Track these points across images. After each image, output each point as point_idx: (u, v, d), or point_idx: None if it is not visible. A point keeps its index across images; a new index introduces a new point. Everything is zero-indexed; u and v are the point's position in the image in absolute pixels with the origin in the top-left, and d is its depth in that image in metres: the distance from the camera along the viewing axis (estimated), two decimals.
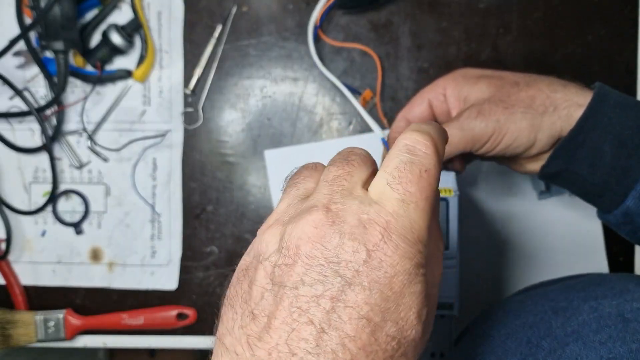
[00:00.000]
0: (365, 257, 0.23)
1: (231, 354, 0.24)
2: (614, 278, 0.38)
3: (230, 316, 0.25)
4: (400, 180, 0.24)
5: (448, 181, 0.42)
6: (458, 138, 0.40)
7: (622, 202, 0.39)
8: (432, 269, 0.26)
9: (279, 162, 0.55)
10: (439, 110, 0.45)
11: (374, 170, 0.27)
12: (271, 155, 0.55)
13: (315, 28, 0.52)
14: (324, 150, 0.54)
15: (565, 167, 0.40)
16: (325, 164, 0.29)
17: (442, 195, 0.39)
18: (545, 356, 0.33)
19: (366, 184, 0.26)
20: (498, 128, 0.39)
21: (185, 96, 0.55)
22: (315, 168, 0.29)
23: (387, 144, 0.46)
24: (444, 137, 0.27)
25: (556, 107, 0.39)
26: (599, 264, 0.55)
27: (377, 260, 0.23)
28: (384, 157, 0.32)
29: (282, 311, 0.23)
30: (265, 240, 0.26)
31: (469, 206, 0.55)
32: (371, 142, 0.53)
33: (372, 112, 0.54)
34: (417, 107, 0.45)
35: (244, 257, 0.27)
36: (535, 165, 0.42)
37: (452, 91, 0.43)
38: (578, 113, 0.39)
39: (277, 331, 0.23)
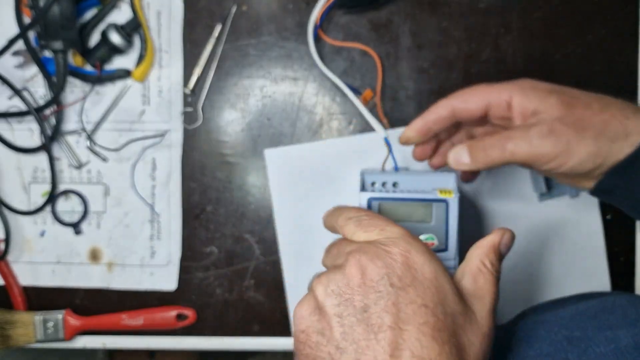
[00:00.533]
0: (398, 265, 0.31)
1: None
2: (625, 303, 0.38)
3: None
4: (369, 229, 0.35)
5: (449, 182, 0.42)
6: (524, 152, 0.39)
7: None
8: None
9: (279, 161, 0.55)
10: (497, 114, 0.43)
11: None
12: (271, 155, 0.55)
13: (316, 28, 0.52)
14: (324, 150, 0.54)
15: (621, 185, 0.39)
16: (327, 163, 0.38)
17: (442, 196, 0.39)
18: None
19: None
20: (567, 150, 0.39)
21: (185, 96, 0.55)
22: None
23: (390, 143, 0.46)
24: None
25: (627, 135, 0.38)
26: (599, 265, 0.55)
27: (405, 262, 0.31)
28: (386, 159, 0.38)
29: (365, 330, 0.30)
30: (319, 294, 0.32)
31: (469, 207, 0.54)
32: (372, 141, 0.53)
33: (372, 112, 0.54)
34: (475, 103, 0.43)
35: (300, 320, 0.33)
36: (587, 183, 0.41)
37: (520, 101, 0.41)
38: None
39: (370, 347, 0.30)
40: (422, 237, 0.39)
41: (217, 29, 0.54)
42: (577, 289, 0.55)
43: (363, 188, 0.42)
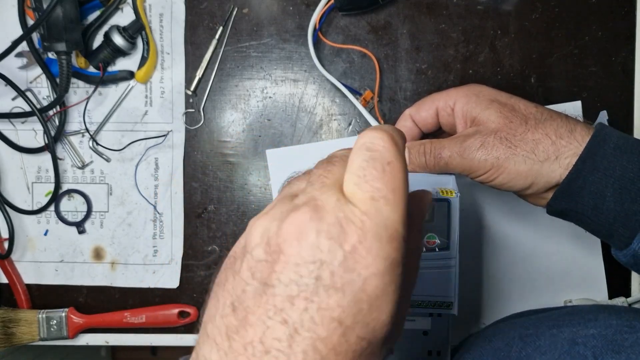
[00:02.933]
0: (341, 259, 0.23)
1: (211, 342, 0.24)
2: (593, 309, 0.39)
3: (214, 303, 0.25)
4: (365, 179, 0.24)
5: (449, 182, 0.43)
6: (457, 163, 0.41)
7: (629, 245, 0.39)
8: (409, 267, 0.26)
9: (281, 162, 0.55)
10: (444, 120, 0.45)
11: None
12: (273, 155, 0.56)
13: (315, 31, 0.53)
14: (324, 150, 0.55)
15: (570, 208, 0.40)
16: None
17: (443, 196, 0.39)
18: None
19: None
20: (497, 165, 0.40)
21: (187, 97, 0.56)
22: (309, 171, 0.29)
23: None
24: (402, 135, 0.27)
25: (558, 156, 0.39)
26: (597, 266, 0.55)
27: (352, 262, 0.23)
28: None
29: (258, 308, 0.23)
30: (253, 233, 0.25)
31: (469, 207, 0.55)
32: None
33: (371, 112, 0.54)
34: (425, 110, 0.45)
35: (236, 243, 0.27)
36: (539, 201, 0.42)
37: (462, 107, 0.43)
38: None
39: (253, 327, 0.23)
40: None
41: (219, 31, 0.55)
42: (574, 289, 0.55)
43: None
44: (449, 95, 0.44)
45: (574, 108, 0.54)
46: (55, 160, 0.55)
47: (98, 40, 0.55)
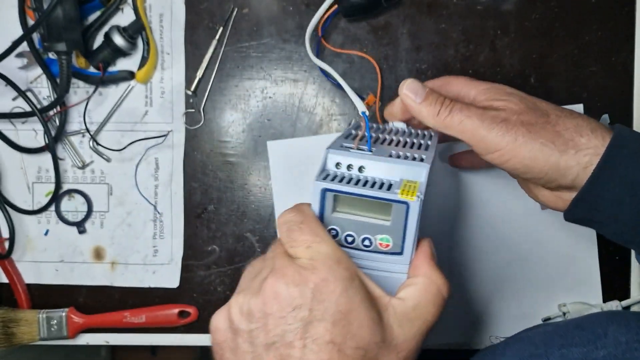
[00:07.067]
0: (311, 296, 0.30)
1: None
2: (602, 320, 0.37)
3: None
4: (295, 242, 0.33)
5: (420, 174, 0.36)
6: (471, 127, 0.38)
7: None
8: (363, 277, 0.33)
9: (281, 154, 0.55)
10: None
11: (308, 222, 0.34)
12: (273, 147, 0.55)
13: (318, 38, 0.52)
14: (324, 144, 0.54)
15: (588, 216, 0.39)
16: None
17: (403, 198, 0.34)
18: None
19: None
20: (512, 147, 0.37)
21: (187, 97, 0.56)
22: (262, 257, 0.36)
23: (367, 119, 0.42)
24: (304, 204, 0.35)
25: (577, 151, 0.37)
26: (592, 268, 0.55)
27: (319, 294, 0.30)
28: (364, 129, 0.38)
29: None
30: (233, 312, 0.32)
31: (470, 208, 0.55)
32: None
33: (372, 115, 0.54)
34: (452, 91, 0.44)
35: (216, 332, 0.33)
36: (551, 199, 0.41)
37: (482, 93, 0.41)
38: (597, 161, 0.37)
39: None
40: (377, 237, 0.35)
41: (219, 31, 0.55)
42: (568, 292, 0.55)
43: (324, 169, 0.36)
44: (469, 83, 0.43)
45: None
46: (55, 160, 0.55)
47: (98, 40, 0.55)
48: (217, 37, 0.55)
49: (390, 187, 0.34)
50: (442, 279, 0.34)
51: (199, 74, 0.55)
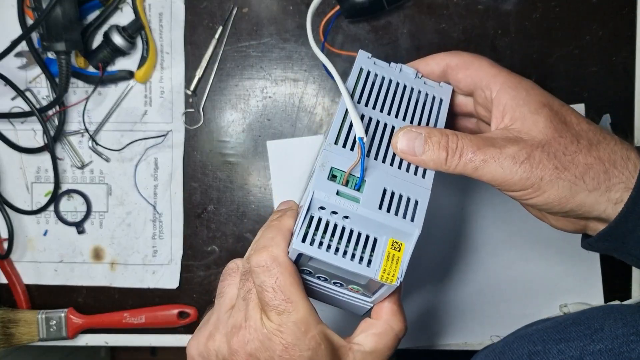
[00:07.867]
0: (280, 353, 0.32)
1: None
2: (598, 314, 0.37)
3: None
4: (267, 307, 0.33)
5: (410, 238, 0.33)
6: (490, 172, 0.34)
7: None
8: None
9: (281, 154, 0.55)
10: (480, 99, 0.38)
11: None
12: (273, 146, 0.55)
13: (322, 43, 0.52)
14: None
15: (614, 248, 0.37)
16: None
17: (382, 281, 0.32)
18: None
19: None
20: (538, 186, 0.34)
21: (187, 97, 0.56)
22: (237, 272, 0.37)
23: (364, 149, 0.35)
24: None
25: (609, 188, 0.34)
26: (594, 269, 0.55)
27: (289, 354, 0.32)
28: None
29: None
30: (211, 353, 0.34)
31: (470, 208, 0.55)
32: None
33: None
34: (463, 81, 0.39)
35: None
36: (564, 223, 0.38)
37: (507, 99, 0.36)
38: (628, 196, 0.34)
39: None
40: (349, 285, 0.35)
41: (218, 30, 0.55)
42: (570, 293, 0.55)
43: (307, 212, 0.33)
44: (494, 75, 0.37)
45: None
46: (54, 160, 0.55)
47: (97, 40, 0.55)
48: (217, 36, 0.55)
49: (370, 262, 0.33)
50: (400, 325, 0.36)
51: (199, 73, 0.55)
